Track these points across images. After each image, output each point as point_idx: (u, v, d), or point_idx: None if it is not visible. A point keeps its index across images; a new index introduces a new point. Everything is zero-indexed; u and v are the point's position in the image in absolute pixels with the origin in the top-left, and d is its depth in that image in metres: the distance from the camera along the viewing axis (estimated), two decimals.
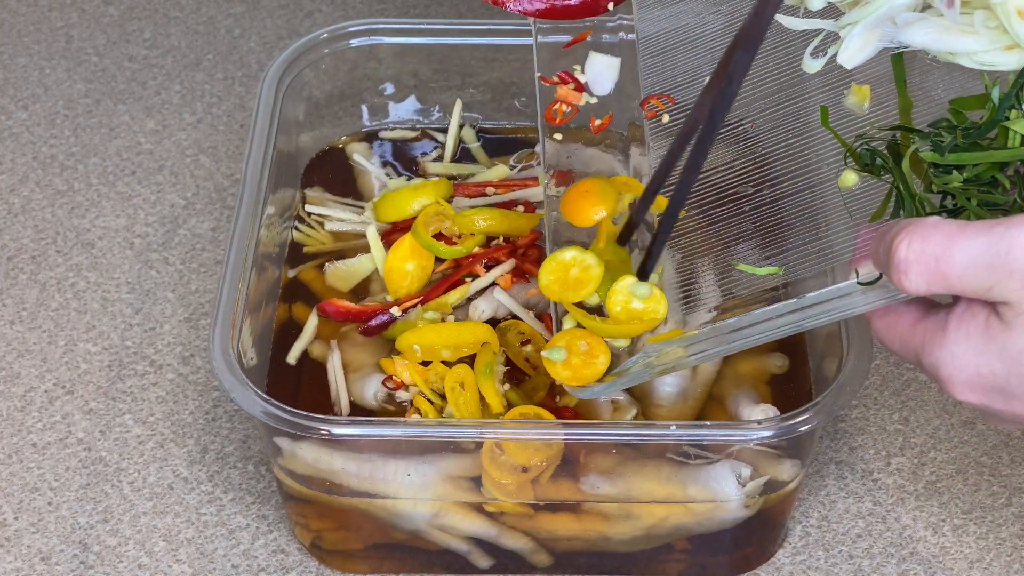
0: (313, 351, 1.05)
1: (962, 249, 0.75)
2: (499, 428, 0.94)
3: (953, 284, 0.75)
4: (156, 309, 1.16)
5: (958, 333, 0.77)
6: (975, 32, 0.81)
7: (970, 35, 0.81)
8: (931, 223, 0.76)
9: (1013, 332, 0.75)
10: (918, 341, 0.79)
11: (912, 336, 0.80)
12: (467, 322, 1.03)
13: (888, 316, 0.82)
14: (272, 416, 0.92)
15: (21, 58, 1.37)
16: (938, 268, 0.75)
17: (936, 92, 0.86)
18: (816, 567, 1.00)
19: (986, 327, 0.76)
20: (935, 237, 0.75)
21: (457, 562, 0.99)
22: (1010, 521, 1.02)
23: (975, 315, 0.77)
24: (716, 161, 0.94)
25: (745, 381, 1.01)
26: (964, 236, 0.75)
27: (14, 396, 1.10)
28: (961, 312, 0.78)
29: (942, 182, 0.80)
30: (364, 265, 1.09)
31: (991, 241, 0.74)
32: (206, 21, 1.41)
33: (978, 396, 0.78)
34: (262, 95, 1.12)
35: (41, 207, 1.23)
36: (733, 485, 0.94)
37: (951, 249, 0.75)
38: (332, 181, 1.16)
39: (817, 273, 0.85)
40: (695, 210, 0.93)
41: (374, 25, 1.18)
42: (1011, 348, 0.76)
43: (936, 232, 0.75)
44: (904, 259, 0.76)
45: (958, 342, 0.77)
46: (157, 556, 1.01)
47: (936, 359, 0.78)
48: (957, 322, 0.77)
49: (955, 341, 0.77)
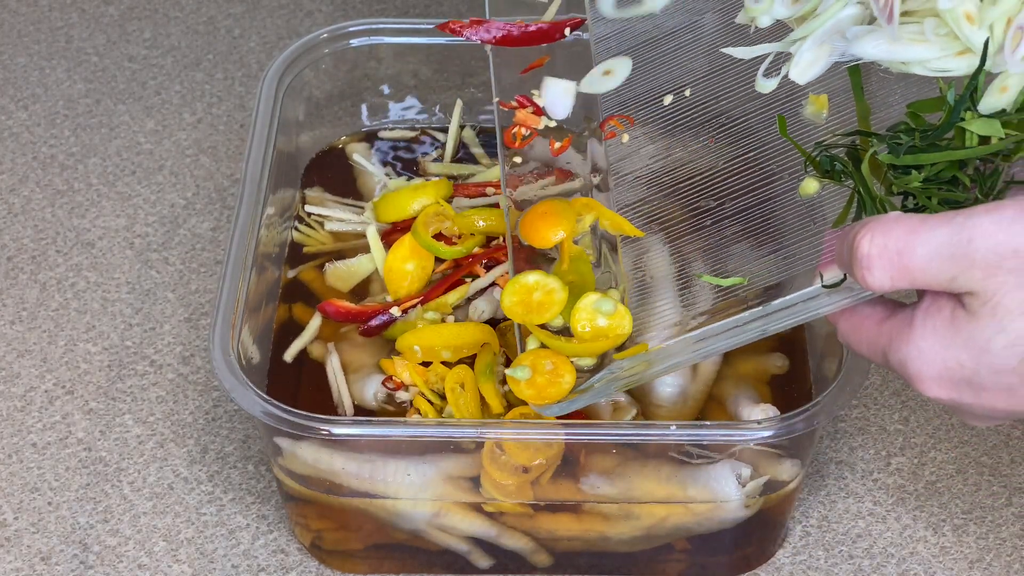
0: (313, 351, 1.05)
1: (924, 241, 0.74)
2: (499, 428, 0.94)
3: (916, 277, 0.75)
4: (156, 309, 1.16)
5: (924, 328, 0.77)
6: (926, 40, 0.81)
7: (921, 43, 0.81)
8: (892, 218, 0.75)
9: (980, 322, 0.75)
10: (884, 340, 0.79)
11: (879, 335, 0.79)
12: (467, 322, 1.03)
13: (853, 317, 0.81)
14: (272, 416, 0.92)
15: (21, 58, 1.37)
16: (901, 262, 0.75)
17: (893, 99, 0.86)
18: (816, 567, 1.00)
19: (952, 319, 0.76)
20: (896, 231, 0.75)
21: (457, 562, 0.99)
22: (1010, 521, 1.02)
23: (940, 308, 0.76)
24: (679, 176, 0.94)
25: (745, 381, 1.01)
26: (926, 228, 0.74)
27: (14, 396, 1.10)
28: (927, 307, 0.77)
29: (902, 183, 0.80)
30: (364, 265, 1.09)
31: (952, 231, 0.74)
32: (206, 21, 1.41)
33: (947, 391, 0.77)
34: (262, 95, 1.12)
35: (41, 207, 1.23)
36: (733, 485, 0.94)
37: (913, 242, 0.74)
38: (332, 181, 1.16)
39: (781, 280, 0.85)
40: (658, 226, 0.93)
41: (374, 25, 1.18)
42: (978, 338, 0.75)
43: (897, 226, 0.75)
44: (867, 255, 0.75)
45: (924, 337, 0.77)
46: (157, 556, 1.01)
47: (903, 355, 0.78)
48: (923, 317, 0.77)
49: (921, 336, 0.77)
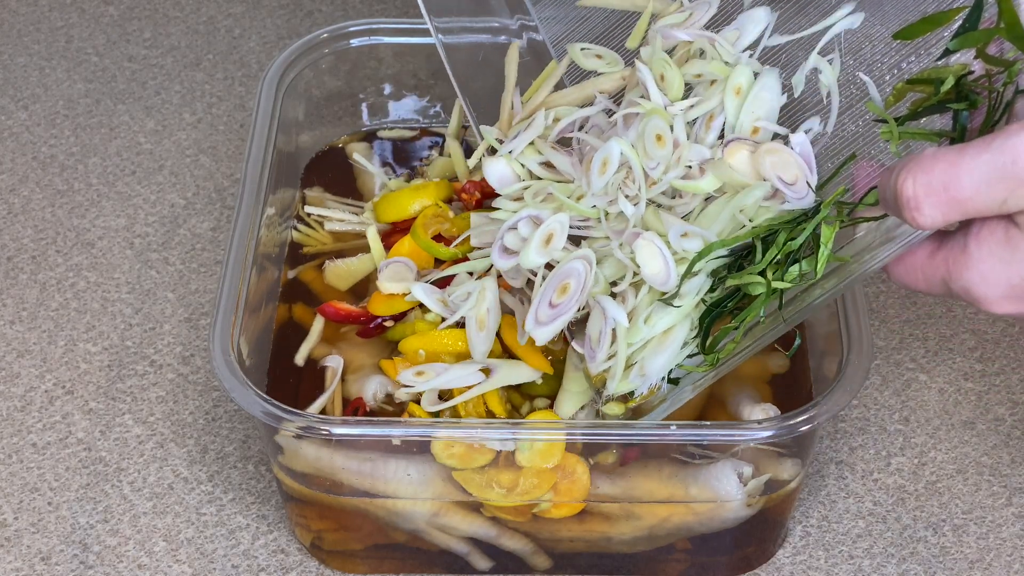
0: (314, 351, 1.05)
1: (968, 171, 0.75)
2: (499, 428, 0.94)
3: (967, 208, 0.75)
4: (156, 309, 1.16)
5: (980, 251, 0.77)
6: None
7: None
8: (929, 155, 0.76)
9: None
10: (942, 271, 0.80)
11: (934, 268, 0.80)
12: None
13: (903, 259, 0.82)
14: (272, 416, 0.92)
15: (21, 58, 1.37)
16: (949, 195, 0.75)
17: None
18: (816, 567, 1.00)
19: (1007, 239, 0.77)
20: (938, 167, 0.75)
21: (457, 563, 0.99)
22: (1010, 521, 1.02)
23: (993, 231, 0.77)
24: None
25: (746, 381, 1.01)
26: (967, 158, 0.75)
27: (14, 396, 1.10)
28: (978, 231, 0.78)
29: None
30: (363, 265, 1.09)
31: (994, 156, 0.74)
32: (206, 21, 1.41)
33: (1017, 306, 0.78)
34: (262, 95, 1.12)
35: (41, 207, 1.23)
36: (735, 484, 0.94)
37: (957, 174, 0.75)
38: (332, 181, 1.16)
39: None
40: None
41: (374, 25, 1.18)
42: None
43: (937, 162, 0.75)
44: (913, 196, 0.76)
45: (983, 260, 0.77)
46: (157, 556, 1.01)
47: (966, 282, 0.78)
48: (976, 242, 0.78)
49: (980, 260, 0.78)
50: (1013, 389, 1.10)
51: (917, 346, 1.13)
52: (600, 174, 0.91)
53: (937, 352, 1.12)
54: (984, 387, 1.10)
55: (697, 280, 0.88)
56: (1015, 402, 1.09)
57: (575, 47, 1.00)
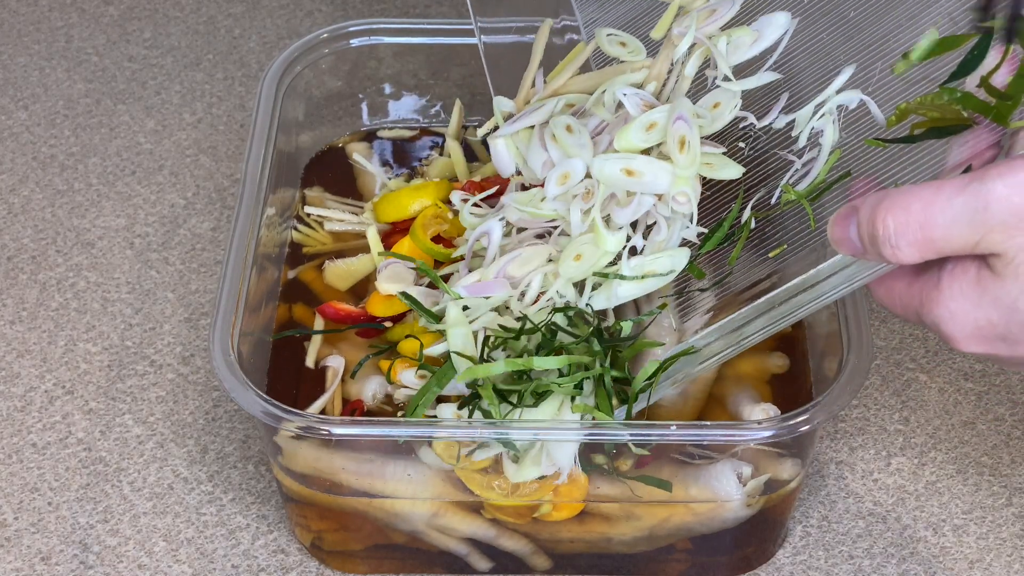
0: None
1: (941, 211, 0.76)
2: (499, 428, 0.94)
3: (941, 247, 0.77)
4: (156, 309, 1.16)
5: (951, 290, 0.78)
6: None
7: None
8: (905, 191, 0.77)
9: (1005, 282, 0.77)
10: (916, 302, 0.81)
11: (910, 297, 0.81)
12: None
13: (885, 281, 0.83)
14: (272, 416, 0.92)
15: (21, 58, 1.37)
16: (924, 234, 0.77)
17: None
18: (816, 567, 1.00)
19: (978, 280, 0.78)
20: (914, 205, 0.77)
21: (456, 563, 0.99)
22: (1010, 521, 1.02)
23: (966, 270, 0.78)
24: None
25: (745, 381, 1.01)
26: (942, 198, 0.76)
27: (14, 396, 1.10)
28: (952, 269, 0.79)
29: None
30: (363, 265, 1.09)
31: (967, 199, 0.75)
32: (206, 21, 1.41)
33: (982, 347, 0.79)
34: (262, 95, 1.12)
35: (41, 207, 1.23)
36: (735, 484, 0.94)
37: (932, 213, 0.76)
38: (332, 181, 1.16)
39: (811, 252, 0.87)
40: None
41: (374, 25, 1.18)
42: (1005, 298, 0.77)
43: (914, 200, 0.77)
44: (891, 233, 0.77)
45: (953, 298, 0.78)
46: (157, 556, 1.01)
47: (936, 317, 0.79)
48: (949, 279, 0.79)
49: (950, 298, 0.78)
50: (1013, 389, 1.10)
51: (917, 346, 1.13)
52: (558, 184, 0.95)
53: (937, 352, 1.12)
54: (984, 387, 1.10)
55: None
56: (1015, 402, 1.09)
57: (602, 32, 1.01)
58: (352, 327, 1.04)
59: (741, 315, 0.88)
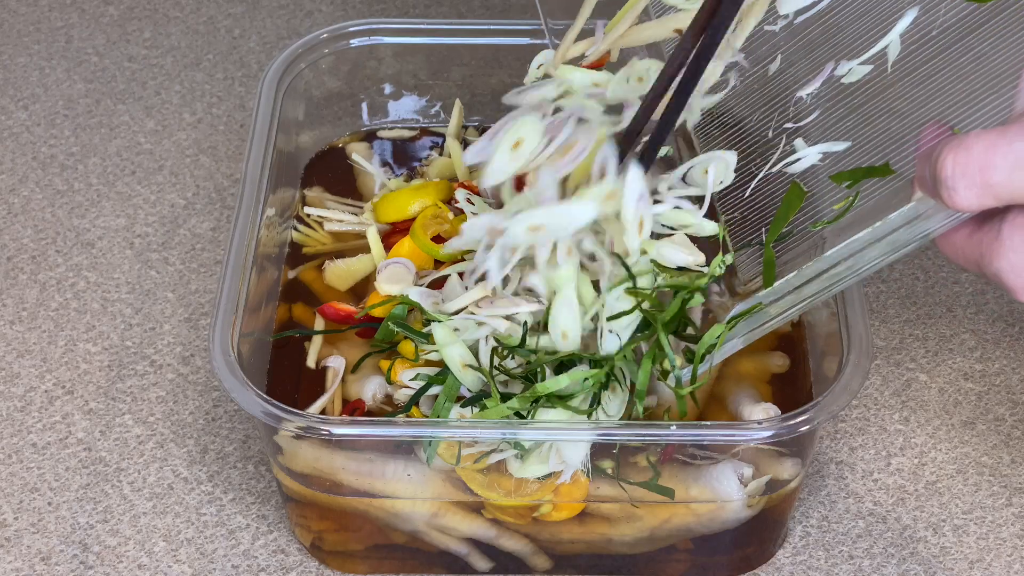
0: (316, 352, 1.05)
1: (1004, 155, 0.73)
2: (499, 428, 0.94)
3: (1000, 193, 0.74)
4: (156, 309, 1.16)
5: (1012, 240, 0.76)
6: None
7: None
8: (972, 136, 0.74)
9: None
10: (977, 253, 0.78)
11: (971, 248, 0.79)
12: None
13: (948, 235, 0.80)
14: (272, 416, 0.92)
15: (21, 58, 1.37)
16: (983, 179, 0.74)
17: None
18: (816, 567, 1.00)
19: None
20: (976, 148, 0.74)
21: (457, 563, 0.99)
22: (1010, 521, 1.02)
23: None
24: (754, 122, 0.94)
25: (746, 380, 1.01)
26: (1004, 141, 0.73)
27: (14, 396, 1.10)
28: (1013, 219, 0.76)
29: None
30: (363, 265, 1.09)
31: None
32: (206, 21, 1.41)
33: None
34: (262, 95, 1.12)
35: (41, 207, 1.23)
36: (735, 485, 0.94)
37: (993, 157, 0.73)
38: (332, 181, 1.16)
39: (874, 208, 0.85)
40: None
41: (374, 25, 1.18)
42: None
43: (977, 143, 0.74)
44: (950, 176, 0.74)
45: (1014, 249, 0.76)
46: (157, 556, 1.01)
47: (997, 269, 0.77)
48: (1010, 230, 0.76)
49: (1011, 248, 0.76)
50: (1013, 389, 1.10)
51: (917, 346, 1.13)
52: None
53: (937, 352, 1.12)
54: (984, 387, 1.10)
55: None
56: (1015, 402, 1.09)
57: None
58: (352, 327, 1.04)
59: (806, 270, 0.86)
